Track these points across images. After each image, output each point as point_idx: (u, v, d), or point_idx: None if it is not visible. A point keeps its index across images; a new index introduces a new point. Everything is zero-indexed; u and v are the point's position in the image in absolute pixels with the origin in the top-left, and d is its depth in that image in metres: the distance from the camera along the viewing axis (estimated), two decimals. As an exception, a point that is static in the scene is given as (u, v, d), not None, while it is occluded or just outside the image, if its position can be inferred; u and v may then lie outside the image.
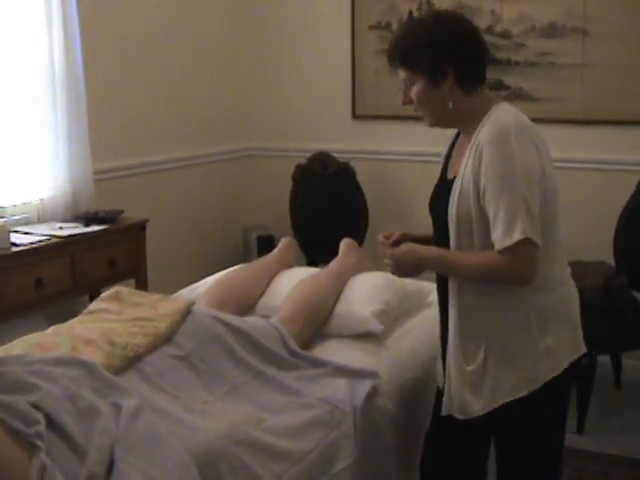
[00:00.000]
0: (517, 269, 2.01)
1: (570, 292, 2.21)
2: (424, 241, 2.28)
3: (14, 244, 3.22)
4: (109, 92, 4.00)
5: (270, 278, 3.06)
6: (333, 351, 2.66)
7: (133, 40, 4.15)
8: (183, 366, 2.28)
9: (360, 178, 4.59)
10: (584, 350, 2.22)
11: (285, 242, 3.32)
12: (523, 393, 2.09)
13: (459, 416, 2.19)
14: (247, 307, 2.90)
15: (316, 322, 2.78)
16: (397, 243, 2.26)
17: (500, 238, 1.99)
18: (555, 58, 4.27)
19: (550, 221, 2.10)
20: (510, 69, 4.38)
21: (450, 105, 2.11)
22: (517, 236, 1.96)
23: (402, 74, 2.16)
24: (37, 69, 3.56)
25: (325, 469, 2.19)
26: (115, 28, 4.03)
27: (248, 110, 5.02)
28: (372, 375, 2.48)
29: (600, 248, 4.02)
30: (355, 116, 4.76)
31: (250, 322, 2.60)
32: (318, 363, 2.52)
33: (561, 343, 2.12)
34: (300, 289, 2.86)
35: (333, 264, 3.06)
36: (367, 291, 2.89)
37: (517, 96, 4.36)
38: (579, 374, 3.60)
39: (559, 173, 4.65)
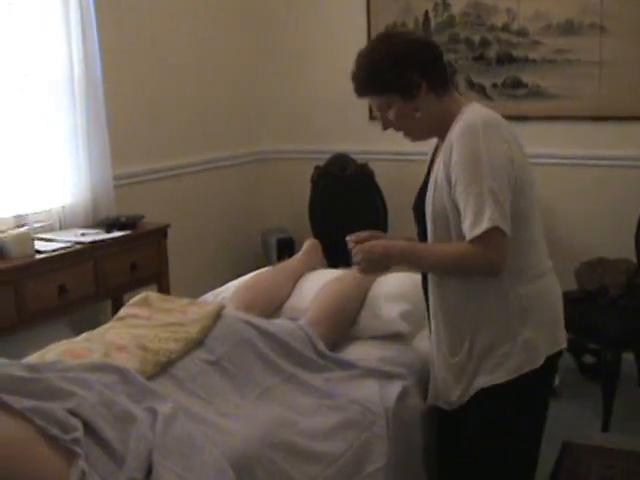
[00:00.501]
0: (485, 257, 2.04)
1: (551, 284, 2.24)
2: None
3: (38, 251, 3.24)
4: (127, 99, 4.01)
5: (295, 280, 3.06)
6: (361, 353, 2.66)
7: (150, 47, 4.16)
8: (215, 370, 2.28)
9: (379, 179, 4.58)
10: (564, 345, 2.26)
11: (310, 244, 3.31)
12: (499, 381, 2.15)
13: (445, 407, 2.27)
14: (273, 310, 2.90)
15: (344, 324, 2.78)
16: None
17: (469, 228, 2.03)
18: (572, 55, 4.25)
19: (526, 212, 2.13)
20: (527, 67, 4.37)
21: (418, 115, 2.16)
22: (485, 225, 2.00)
23: (374, 102, 2.22)
24: (56, 77, 3.56)
25: (358, 470, 2.19)
26: (133, 35, 4.04)
27: (266, 113, 5.02)
28: (402, 376, 2.49)
29: (622, 245, 4.00)
30: (372, 117, 4.74)
31: (279, 325, 2.60)
32: (348, 365, 2.52)
33: (540, 336, 2.16)
34: (327, 291, 2.86)
35: (357, 266, 3.05)
36: (394, 292, 2.89)
37: (534, 94, 4.35)
38: (603, 372, 3.66)
39: (579, 170, 4.66)
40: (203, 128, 4.56)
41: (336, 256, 4.42)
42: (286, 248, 4.63)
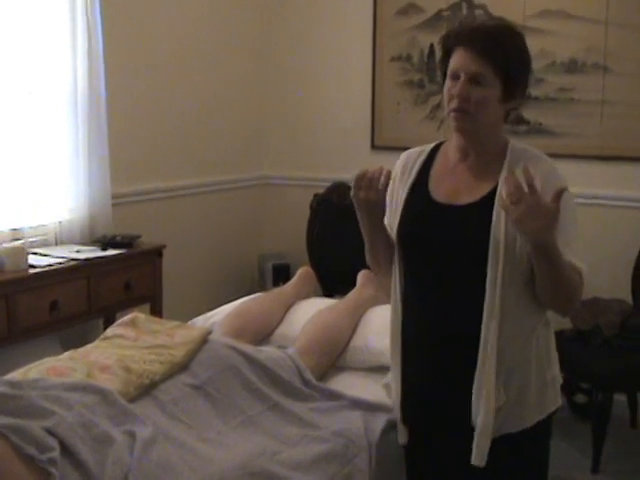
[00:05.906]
0: (580, 295, 1.99)
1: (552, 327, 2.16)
2: None
3: (31, 266, 3.23)
4: (130, 117, 4.02)
5: (287, 308, 3.05)
6: (348, 384, 2.65)
7: (155, 66, 4.18)
8: (198, 395, 2.27)
9: (377, 209, 4.58)
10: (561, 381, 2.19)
11: (302, 272, 3.31)
12: (528, 424, 2.02)
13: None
14: (263, 337, 2.89)
15: (332, 354, 2.77)
16: None
17: (576, 260, 1.97)
18: (575, 94, 4.26)
19: None
20: (529, 104, 4.36)
21: (494, 118, 2.02)
22: (583, 265, 1.98)
23: (476, 66, 1.93)
24: (59, 91, 3.58)
25: (338, 503, 2.16)
26: (138, 53, 4.06)
27: (267, 138, 5.04)
28: (387, 409, 2.45)
29: (618, 286, 3.99)
30: (374, 147, 4.77)
31: (266, 352, 2.59)
32: (333, 395, 2.51)
33: (558, 374, 2.11)
34: (317, 320, 2.85)
35: (350, 295, 3.04)
36: (383, 324, 2.86)
37: (536, 131, 4.35)
38: (594, 413, 3.64)
39: (578, 209, 4.62)
40: (205, 151, 4.57)
41: (331, 285, 4.43)
42: (282, 274, 4.62)
